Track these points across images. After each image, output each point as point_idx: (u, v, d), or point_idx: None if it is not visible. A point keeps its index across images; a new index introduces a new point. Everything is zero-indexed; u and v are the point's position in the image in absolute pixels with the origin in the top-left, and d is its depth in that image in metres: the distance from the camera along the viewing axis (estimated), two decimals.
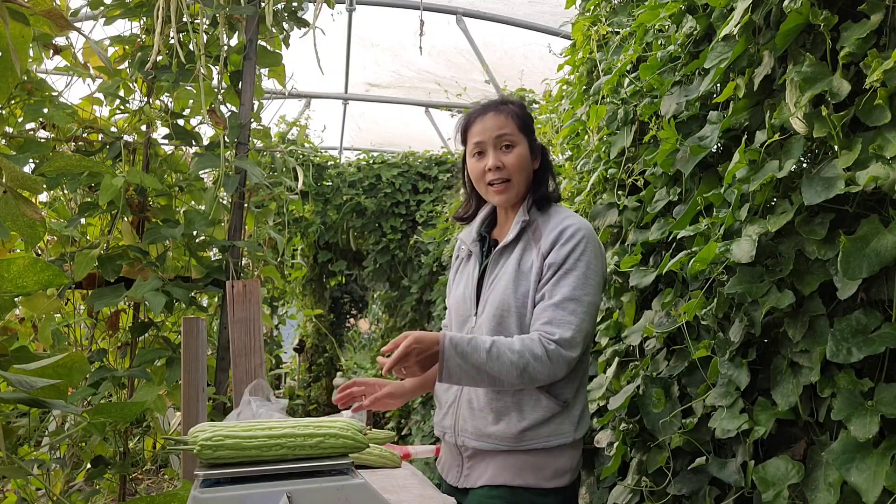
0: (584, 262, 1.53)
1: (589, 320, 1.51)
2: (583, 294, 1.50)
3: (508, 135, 1.62)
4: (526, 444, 1.52)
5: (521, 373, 1.45)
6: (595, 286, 1.54)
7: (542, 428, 1.53)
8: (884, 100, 1.18)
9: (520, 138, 1.64)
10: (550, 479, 1.53)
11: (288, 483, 1.11)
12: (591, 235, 1.58)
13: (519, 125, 1.64)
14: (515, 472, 1.53)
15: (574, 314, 1.48)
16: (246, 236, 2.75)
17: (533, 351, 1.46)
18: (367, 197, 6.85)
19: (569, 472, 1.56)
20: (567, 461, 1.55)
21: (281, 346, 6.14)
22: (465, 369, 1.45)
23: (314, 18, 2.64)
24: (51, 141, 2.43)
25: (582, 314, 1.49)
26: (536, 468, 1.53)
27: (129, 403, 1.54)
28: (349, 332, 11.86)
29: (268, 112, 11.64)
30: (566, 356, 1.47)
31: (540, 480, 1.53)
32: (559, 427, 1.54)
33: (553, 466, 1.53)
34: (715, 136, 1.65)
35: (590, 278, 1.53)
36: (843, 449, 1.18)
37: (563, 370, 1.48)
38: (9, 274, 1.33)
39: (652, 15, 2.07)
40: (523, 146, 1.64)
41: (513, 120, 1.64)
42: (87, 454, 2.47)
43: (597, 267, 1.55)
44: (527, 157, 1.65)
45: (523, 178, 1.64)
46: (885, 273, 1.22)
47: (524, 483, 1.52)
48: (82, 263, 2.24)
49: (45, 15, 1.75)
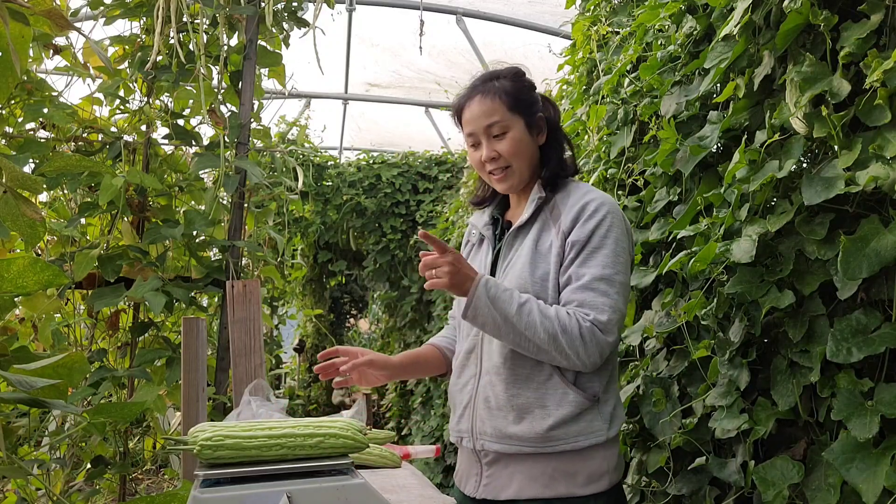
0: (613, 237, 1.38)
1: (623, 301, 1.36)
2: (613, 273, 1.36)
3: (498, 121, 1.46)
4: (554, 446, 1.36)
5: (551, 339, 1.31)
6: (625, 264, 1.39)
7: (570, 426, 1.36)
8: (884, 100, 1.18)
9: (512, 119, 1.46)
10: (585, 485, 1.37)
11: (288, 483, 1.11)
12: (615, 210, 1.42)
13: (510, 104, 1.46)
14: (545, 481, 1.37)
15: (607, 295, 1.34)
16: (246, 236, 2.75)
17: (567, 324, 1.32)
18: (367, 197, 6.85)
19: (606, 475, 1.39)
20: (601, 463, 1.39)
21: (281, 346, 6.14)
22: (490, 313, 1.34)
23: (314, 18, 2.64)
24: (51, 141, 2.43)
25: (616, 295, 1.35)
26: (567, 475, 1.37)
27: (129, 403, 1.54)
28: (349, 332, 11.86)
29: (268, 112, 11.63)
30: (602, 339, 1.33)
31: (573, 488, 1.36)
32: (590, 425, 1.37)
33: (586, 471, 1.37)
34: (715, 136, 1.65)
35: (619, 255, 1.38)
36: (843, 449, 1.18)
37: (596, 355, 1.33)
38: (9, 274, 1.33)
39: (652, 15, 2.07)
40: (518, 128, 1.47)
41: (501, 100, 1.46)
42: (87, 454, 2.47)
43: (625, 244, 1.41)
44: (524, 138, 1.47)
45: (525, 161, 1.48)
46: (885, 273, 1.22)
47: (555, 494, 1.36)
48: (82, 263, 2.24)
49: (45, 15, 1.75)
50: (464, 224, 5.16)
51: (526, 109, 1.49)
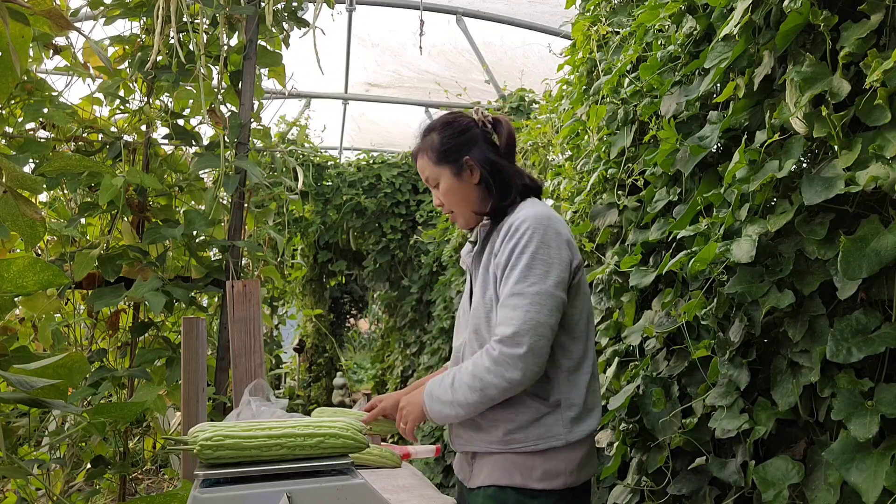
0: (528, 252, 1.45)
1: (536, 310, 1.41)
2: (525, 286, 1.43)
3: (429, 176, 1.62)
4: (513, 448, 1.48)
5: (481, 391, 1.43)
6: (541, 274, 1.44)
7: (530, 430, 1.47)
8: (884, 100, 1.18)
9: (440, 171, 1.60)
10: (540, 479, 1.47)
11: (288, 483, 1.11)
12: (538, 223, 1.48)
13: (435, 158, 1.60)
14: (503, 472, 1.50)
15: (516, 308, 1.42)
16: (246, 236, 2.75)
17: (483, 365, 1.43)
18: (367, 197, 6.85)
19: (562, 476, 1.47)
20: (559, 463, 1.47)
21: (281, 346, 6.14)
22: (443, 413, 1.50)
23: (314, 18, 2.64)
24: (51, 141, 2.43)
25: (525, 306, 1.41)
26: (525, 468, 1.48)
27: (129, 403, 1.54)
28: (349, 332, 11.86)
29: (268, 112, 11.63)
30: (511, 353, 1.40)
31: (528, 481, 1.47)
32: (550, 429, 1.47)
33: (543, 467, 1.47)
34: (715, 136, 1.65)
35: (533, 267, 1.44)
36: (843, 449, 1.18)
37: (519, 369, 1.40)
38: (9, 274, 1.33)
39: (652, 15, 2.07)
40: (445, 177, 1.59)
41: (428, 157, 1.61)
42: (87, 454, 2.47)
43: (544, 254, 1.46)
44: (453, 185, 1.59)
45: (462, 204, 1.61)
46: (885, 273, 1.22)
47: (511, 483, 1.48)
48: (82, 263, 2.24)
49: (45, 15, 1.75)
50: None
51: (451, 158, 1.59)
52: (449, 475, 5.08)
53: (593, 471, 1.56)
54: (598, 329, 2.20)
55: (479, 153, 1.59)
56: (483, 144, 1.60)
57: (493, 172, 1.59)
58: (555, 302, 1.44)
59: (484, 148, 1.60)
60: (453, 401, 1.47)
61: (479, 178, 1.59)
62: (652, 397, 1.73)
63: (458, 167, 1.59)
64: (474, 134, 1.61)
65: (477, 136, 1.61)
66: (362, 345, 12.48)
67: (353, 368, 10.35)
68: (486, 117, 1.63)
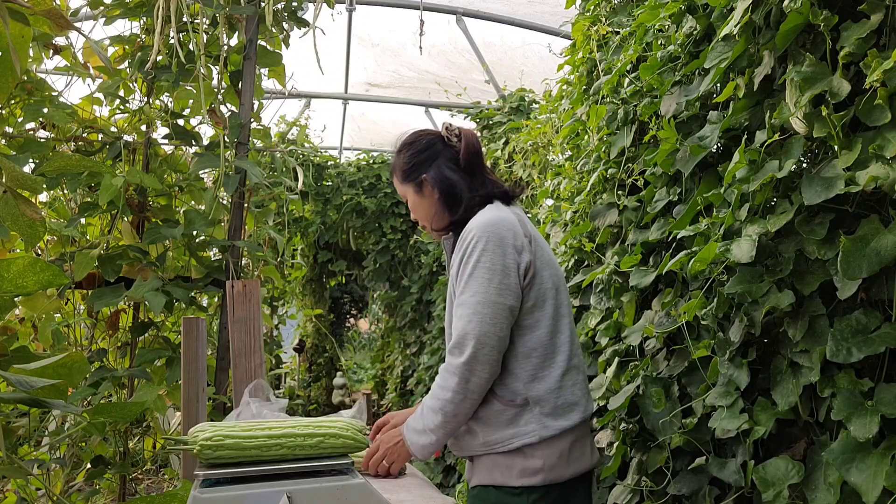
0: (472, 262, 1.49)
1: (478, 319, 1.45)
2: (468, 296, 1.48)
3: (401, 194, 1.72)
4: (493, 448, 1.52)
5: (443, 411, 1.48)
6: (483, 282, 1.47)
7: (503, 430, 1.51)
8: (884, 100, 1.18)
9: (405, 188, 1.68)
10: (518, 476, 1.49)
11: (288, 483, 1.11)
12: (481, 232, 1.51)
13: (401, 177, 1.69)
14: (487, 471, 1.54)
15: (460, 318, 1.48)
16: (246, 236, 2.75)
17: (437, 383, 1.49)
18: (367, 197, 6.85)
19: (541, 473, 1.49)
20: (537, 461, 1.49)
21: (281, 346, 6.14)
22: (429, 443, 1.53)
23: (314, 18, 2.64)
24: (51, 141, 2.43)
25: (468, 315, 1.46)
26: (506, 466, 1.51)
27: (129, 403, 1.54)
28: (349, 332, 11.87)
29: (268, 112, 11.63)
30: (454, 363, 1.46)
31: (508, 478, 1.50)
32: (523, 428, 1.49)
33: (521, 465, 1.50)
34: (715, 136, 1.65)
35: (476, 277, 1.48)
36: (843, 449, 1.18)
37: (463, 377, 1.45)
38: (9, 274, 1.33)
39: (652, 15, 2.07)
40: (410, 194, 1.68)
41: (396, 175, 1.71)
42: (87, 454, 2.47)
43: (488, 262, 1.48)
44: (416, 201, 1.67)
45: (427, 218, 1.68)
46: (885, 273, 1.22)
47: (492, 482, 1.52)
48: (82, 263, 2.24)
49: (45, 15, 1.75)
50: None
51: (412, 177, 1.67)
52: (449, 475, 5.08)
53: (584, 466, 1.56)
54: (598, 329, 2.20)
55: (435, 171, 1.65)
56: (443, 160, 1.66)
57: (445, 189, 1.64)
58: (497, 309, 1.46)
59: (443, 164, 1.66)
60: (424, 428, 1.52)
61: (437, 194, 1.65)
62: (652, 397, 1.73)
63: (418, 185, 1.67)
64: (435, 151, 1.67)
65: (438, 152, 1.67)
66: (362, 345, 12.48)
67: (353, 368, 10.35)
68: (449, 131, 1.69)
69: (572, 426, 1.52)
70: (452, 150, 1.68)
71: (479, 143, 1.71)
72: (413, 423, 1.56)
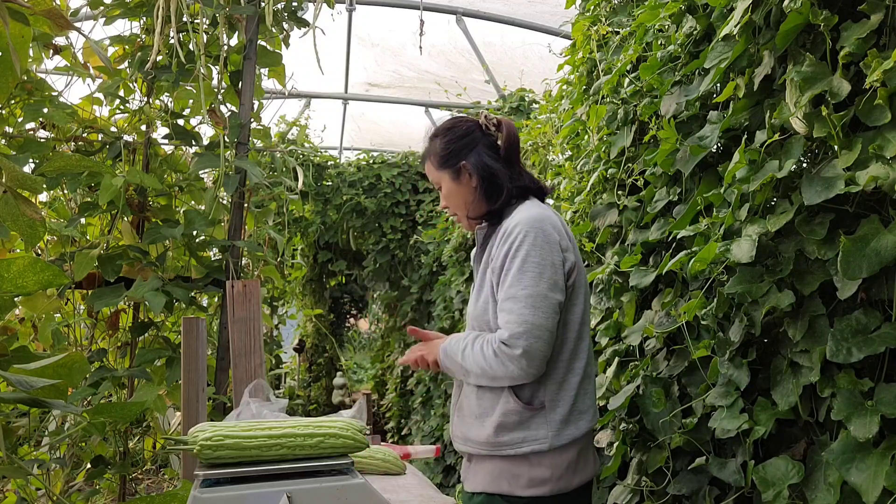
0: (520, 257, 1.47)
1: (530, 312, 1.43)
2: (519, 289, 1.45)
3: (434, 181, 1.68)
4: (500, 450, 1.49)
5: (483, 371, 1.48)
6: (534, 277, 1.45)
7: (514, 433, 1.48)
8: (884, 100, 1.18)
9: (441, 175, 1.65)
10: (526, 487, 1.47)
11: (288, 483, 1.11)
12: (531, 227, 1.50)
13: (437, 163, 1.65)
14: (492, 479, 1.51)
15: (510, 312, 1.45)
16: (246, 236, 2.75)
17: (486, 353, 1.48)
18: (367, 197, 6.85)
19: (548, 483, 1.47)
20: (545, 470, 1.47)
21: (281, 346, 6.14)
22: (451, 367, 1.57)
23: (314, 18, 2.64)
24: (51, 141, 2.43)
25: (519, 309, 1.44)
26: (512, 475, 1.48)
27: (129, 403, 1.54)
28: (349, 332, 11.86)
29: (268, 112, 11.63)
30: (510, 353, 1.43)
31: (514, 488, 1.48)
32: (535, 432, 1.47)
33: (528, 475, 1.47)
34: (715, 136, 1.65)
35: (526, 271, 1.46)
36: (843, 449, 1.18)
37: (518, 368, 1.43)
38: (9, 274, 1.33)
39: (652, 15, 2.07)
40: (446, 181, 1.64)
41: (431, 162, 1.66)
42: (87, 454, 2.47)
43: (535, 257, 1.47)
44: (452, 188, 1.64)
45: (461, 207, 1.65)
46: (885, 273, 1.22)
47: (498, 490, 1.49)
48: (82, 263, 2.24)
49: (45, 15, 1.75)
50: None
51: (450, 163, 1.64)
52: (449, 475, 5.08)
53: (589, 474, 1.55)
54: (598, 329, 2.20)
55: (476, 157, 1.62)
56: (483, 148, 1.63)
57: (486, 176, 1.61)
58: (549, 304, 1.45)
59: (482, 152, 1.63)
60: (462, 365, 1.53)
61: (476, 181, 1.62)
62: (652, 397, 1.73)
63: (456, 171, 1.63)
64: (474, 138, 1.64)
65: (477, 140, 1.64)
66: (362, 345, 12.48)
67: (353, 368, 10.34)
68: (489, 120, 1.65)
69: (581, 435, 1.51)
70: (490, 139, 1.65)
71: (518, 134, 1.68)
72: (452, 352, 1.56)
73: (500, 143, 1.65)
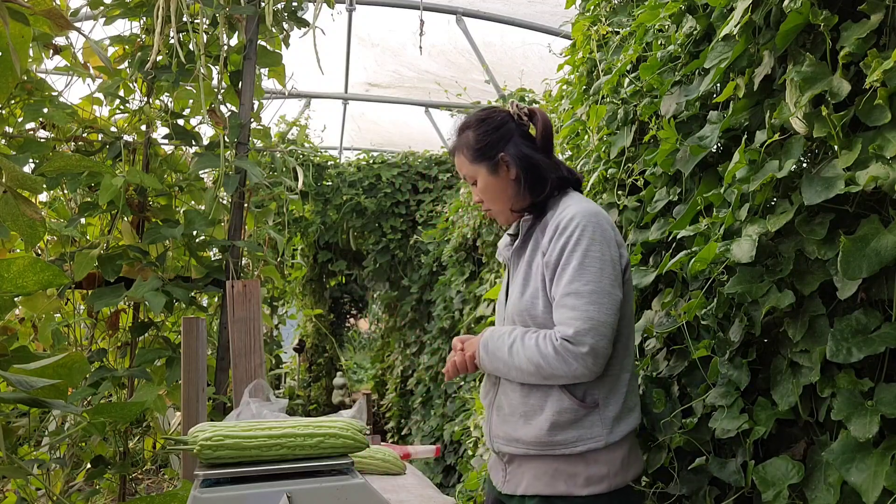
0: (580, 251, 1.42)
1: (595, 309, 1.38)
2: (581, 285, 1.40)
3: (467, 175, 1.61)
4: (553, 450, 1.45)
5: (537, 368, 1.41)
6: (596, 272, 1.41)
7: (568, 431, 1.44)
8: (884, 100, 1.18)
9: (476, 169, 1.58)
10: (584, 486, 1.43)
11: (288, 483, 1.11)
12: (589, 220, 1.45)
13: (471, 156, 1.58)
14: (547, 480, 1.46)
15: (574, 308, 1.39)
16: (246, 236, 2.75)
17: (543, 349, 1.41)
18: (367, 197, 6.85)
19: (606, 479, 1.44)
20: (602, 467, 1.44)
21: (281, 346, 6.14)
22: (493, 365, 1.51)
23: (314, 18, 2.64)
24: (51, 141, 2.43)
25: (583, 305, 1.38)
26: (568, 475, 1.44)
27: (129, 403, 1.54)
28: (349, 332, 11.86)
29: (268, 112, 11.63)
30: (575, 350, 1.37)
31: (572, 488, 1.44)
32: (589, 430, 1.44)
33: (586, 473, 1.44)
34: (715, 136, 1.65)
35: (587, 266, 1.41)
36: (843, 449, 1.18)
37: (582, 367, 1.38)
38: (9, 274, 1.33)
39: (652, 15, 2.07)
40: (482, 175, 1.58)
41: (464, 155, 1.60)
42: (87, 454, 2.47)
43: (598, 252, 1.43)
44: (489, 182, 1.57)
45: (499, 202, 1.59)
46: (885, 273, 1.22)
47: (555, 492, 1.44)
48: (82, 263, 2.24)
49: (45, 15, 1.75)
50: (464, 224, 5.16)
51: (486, 155, 1.57)
52: (449, 475, 5.08)
53: (639, 469, 1.53)
54: None
55: (514, 149, 1.56)
56: (518, 139, 1.58)
57: (528, 167, 1.55)
58: (612, 300, 1.41)
59: (519, 143, 1.57)
60: (508, 363, 1.47)
61: (515, 174, 1.56)
62: (652, 397, 1.73)
63: (493, 164, 1.57)
64: (509, 129, 1.58)
65: (512, 130, 1.58)
66: (362, 345, 12.48)
67: (353, 368, 10.35)
68: (521, 110, 1.60)
69: (631, 431, 1.49)
70: (523, 129, 1.59)
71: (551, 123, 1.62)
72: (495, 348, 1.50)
73: (533, 132, 1.60)
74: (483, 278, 4.79)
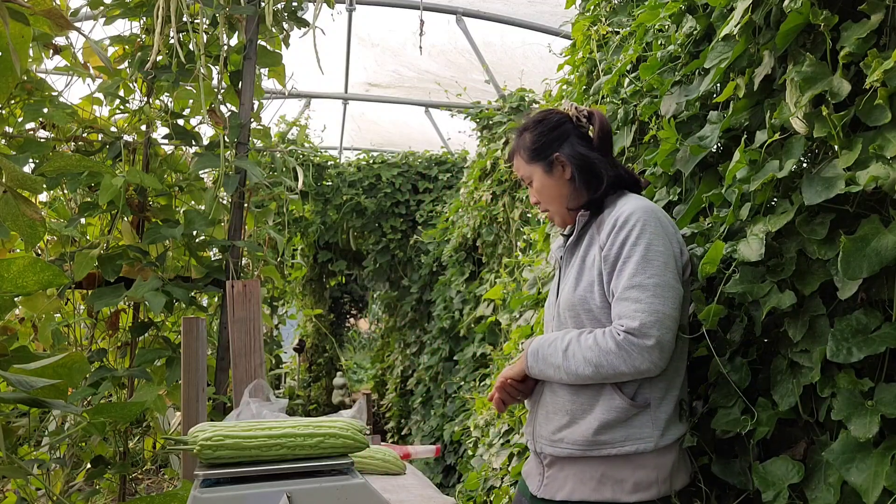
0: (642, 245, 1.41)
1: (661, 301, 1.36)
2: (645, 278, 1.38)
3: (524, 175, 1.62)
4: (600, 450, 1.41)
5: (597, 367, 1.38)
6: (660, 266, 1.39)
7: (617, 431, 1.41)
8: (884, 100, 1.18)
9: (532, 169, 1.59)
10: (631, 492, 1.39)
11: (288, 483, 1.11)
12: (648, 216, 1.44)
13: (528, 157, 1.60)
14: (593, 485, 1.42)
15: (638, 301, 1.37)
16: (246, 236, 2.75)
17: (603, 345, 1.38)
18: (367, 197, 6.86)
19: (655, 485, 1.40)
20: (650, 472, 1.40)
21: (281, 346, 6.14)
22: (545, 372, 1.49)
23: (314, 18, 2.64)
24: (51, 141, 2.43)
25: (650, 297, 1.36)
26: (615, 480, 1.41)
27: (129, 403, 1.54)
28: (349, 331, 11.87)
29: (268, 112, 11.63)
30: (640, 343, 1.35)
31: (619, 494, 1.39)
32: (639, 430, 1.40)
33: (634, 478, 1.40)
34: (715, 136, 1.65)
35: (651, 260, 1.39)
36: (843, 449, 1.18)
37: (646, 360, 1.35)
38: (9, 274, 1.33)
39: (652, 15, 2.07)
40: (538, 175, 1.59)
41: (521, 156, 1.62)
42: (87, 454, 2.47)
43: (659, 246, 1.41)
44: (545, 182, 1.58)
45: (555, 202, 1.60)
46: (886, 273, 1.22)
47: (601, 498, 1.40)
48: (82, 263, 2.24)
49: (45, 15, 1.75)
50: (464, 224, 5.16)
51: (542, 156, 1.59)
52: (449, 475, 5.08)
53: (686, 479, 1.48)
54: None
55: (569, 148, 1.57)
56: (575, 139, 1.58)
57: (583, 166, 1.56)
58: (676, 294, 1.39)
59: (575, 143, 1.58)
60: (562, 366, 1.44)
61: (570, 173, 1.57)
62: None
63: (548, 164, 1.58)
64: (566, 130, 1.59)
65: (569, 131, 1.59)
66: (362, 345, 12.49)
67: (353, 368, 10.35)
68: (579, 111, 1.61)
69: (682, 435, 1.46)
70: (580, 131, 1.60)
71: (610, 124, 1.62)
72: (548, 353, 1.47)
73: (591, 134, 1.60)
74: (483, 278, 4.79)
